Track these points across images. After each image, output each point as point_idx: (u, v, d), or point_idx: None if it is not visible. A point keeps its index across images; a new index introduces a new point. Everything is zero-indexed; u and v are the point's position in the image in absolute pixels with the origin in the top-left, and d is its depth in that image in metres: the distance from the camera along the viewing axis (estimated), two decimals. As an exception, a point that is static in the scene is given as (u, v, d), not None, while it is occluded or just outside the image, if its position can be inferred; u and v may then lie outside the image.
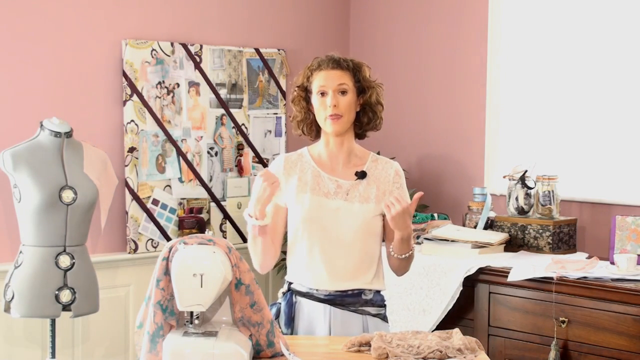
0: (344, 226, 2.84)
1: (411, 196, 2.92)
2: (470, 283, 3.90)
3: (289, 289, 2.92)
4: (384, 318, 2.91)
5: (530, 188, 4.21)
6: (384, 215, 2.86)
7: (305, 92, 2.90)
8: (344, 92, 2.83)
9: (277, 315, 2.89)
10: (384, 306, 2.93)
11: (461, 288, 3.86)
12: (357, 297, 2.86)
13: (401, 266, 2.88)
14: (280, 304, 2.91)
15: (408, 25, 5.00)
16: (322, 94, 2.84)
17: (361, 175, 2.88)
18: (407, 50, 5.00)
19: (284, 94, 4.94)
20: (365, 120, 2.90)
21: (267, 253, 2.85)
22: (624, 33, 4.13)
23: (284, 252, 2.98)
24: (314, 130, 2.93)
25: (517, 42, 4.51)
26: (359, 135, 2.95)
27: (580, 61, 4.28)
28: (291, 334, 2.86)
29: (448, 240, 4.09)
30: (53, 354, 3.77)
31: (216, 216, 4.70)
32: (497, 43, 4.58)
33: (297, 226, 2.88)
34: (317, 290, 2.86)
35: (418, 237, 4.23)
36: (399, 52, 5.03)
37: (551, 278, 3.62)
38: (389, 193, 2.89)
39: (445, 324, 3.79)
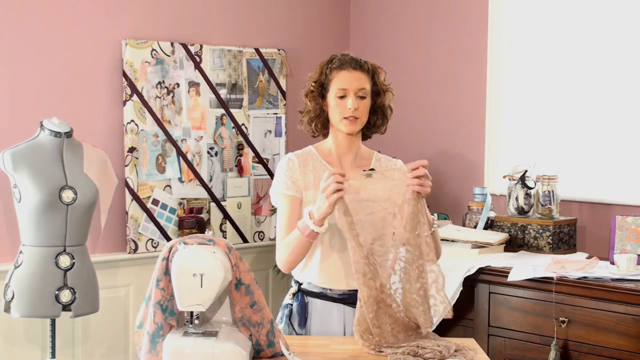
0: None
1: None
2: (470, 283, 3.90)
3: (299, 289, 2.92)
4: None
5: (530, 188, 4.21)
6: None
7: (321, 87, 2.87)
8: (363, 97, 2.83)
9: (290, 317, 2.89)
10: None
11: (461, 288, 3.86)
12: None
13: (436, 245, 2.79)
14: (291, 305, 2.91)
15: (408, 25, 5.00)
16: (342, 96, 2.82)
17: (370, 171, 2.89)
18: (408, 50, 5.00)
19: (284, 94, 4.93)
20: (376, 122, 2.92)
21: (304, 255, 2.80)
22: (625, 34, 4.13)
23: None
24: (324, 128, 2.92)
25: (517, 42, 4.52)
26: (365, 135, 2.97)
27: (581, 61, 4.28)
28: (305, 334, 2.86)
29: (448, 241, 4.09)
30: (53, 354, 3.77)
31: (216, 216, 4.69)
32: (498, 43, 4.58)
33: None
34: (330, 290, 2.87)
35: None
36: (400, 51, 5.03)
37: (551, 278, 3.62)
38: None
39: (445, 324, 3.78)
